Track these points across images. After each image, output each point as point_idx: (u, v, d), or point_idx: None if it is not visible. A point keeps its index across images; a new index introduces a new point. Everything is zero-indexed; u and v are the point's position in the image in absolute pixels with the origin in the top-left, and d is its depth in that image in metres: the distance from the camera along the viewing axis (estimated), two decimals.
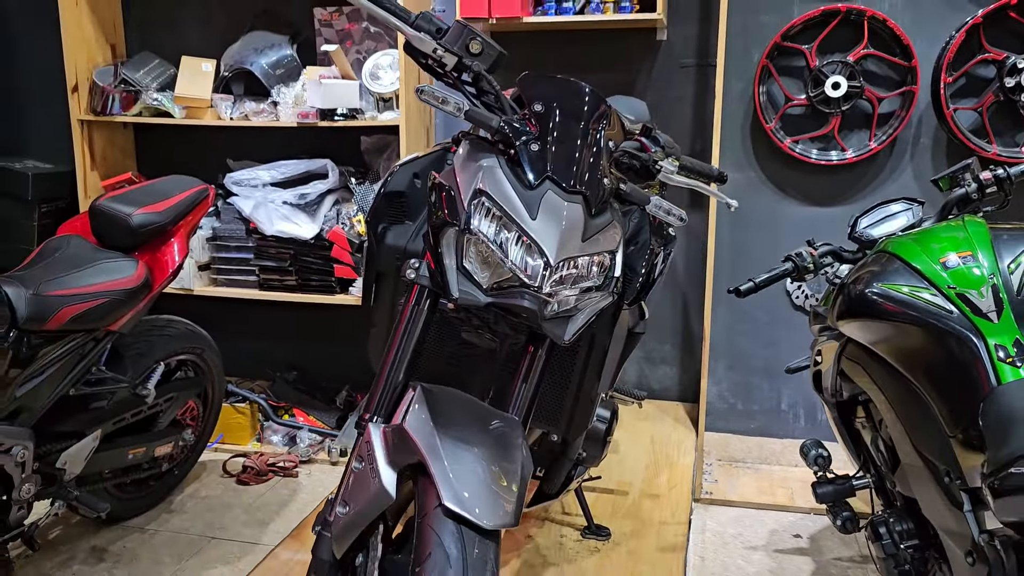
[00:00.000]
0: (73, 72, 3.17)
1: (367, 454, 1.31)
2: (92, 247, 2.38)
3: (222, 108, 3.11)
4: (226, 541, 2.65)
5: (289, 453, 3.18)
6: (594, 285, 1.39)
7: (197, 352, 2.77)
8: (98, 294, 2.22)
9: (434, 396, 1.33)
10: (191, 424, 2.83)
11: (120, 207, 2.40)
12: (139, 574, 2.46)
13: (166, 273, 2.45)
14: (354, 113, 2.95)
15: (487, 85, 1.44)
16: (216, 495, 2.96)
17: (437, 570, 1.14)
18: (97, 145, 3.30)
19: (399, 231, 1.58)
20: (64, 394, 2.26)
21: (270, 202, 3.07)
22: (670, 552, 2.17)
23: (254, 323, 3.40)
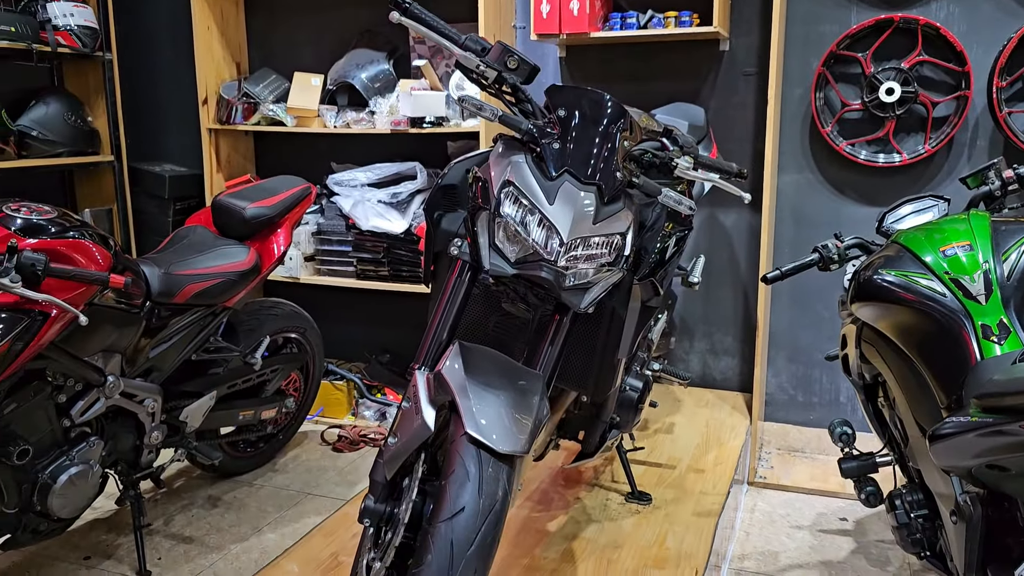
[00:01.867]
0: (204, 87, 3.64)
1: (413, 395, 1.61)
2: (213, 236, 2.80)
3: (327, 117, 3.51)
4: (320, 497, 3.02)
5: (379, 426, 3.54)
6: (607, 262, 1.64)
7: (300, 331, 3.15)
8: (216, 275, 2.62)
9: (469, 350, 1.61)
10: (294, 394, 3.21)
11: (236, 201, 2.81)
12: (245, 519, 2.86)
13: (273, 259, 2.84)
14: (441, 121, 3.28)
15: (522, 94, 1.72)
16: (314, 459, 3.34)
17: (458, 483, 1.42)
18: (222, 150, 3.76)
19: (452, 218, 1.88)
20: (187, 359, 2.67)
21: (366, 200, 3.44)
22: (704, 517, 2.37)
23: (352, 309, 3.79)
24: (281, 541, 2.70)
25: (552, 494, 2.56)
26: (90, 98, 3.72)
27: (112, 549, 2.66)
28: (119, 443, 2.47)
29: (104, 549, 2.66)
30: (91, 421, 2.35)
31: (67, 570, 2.54)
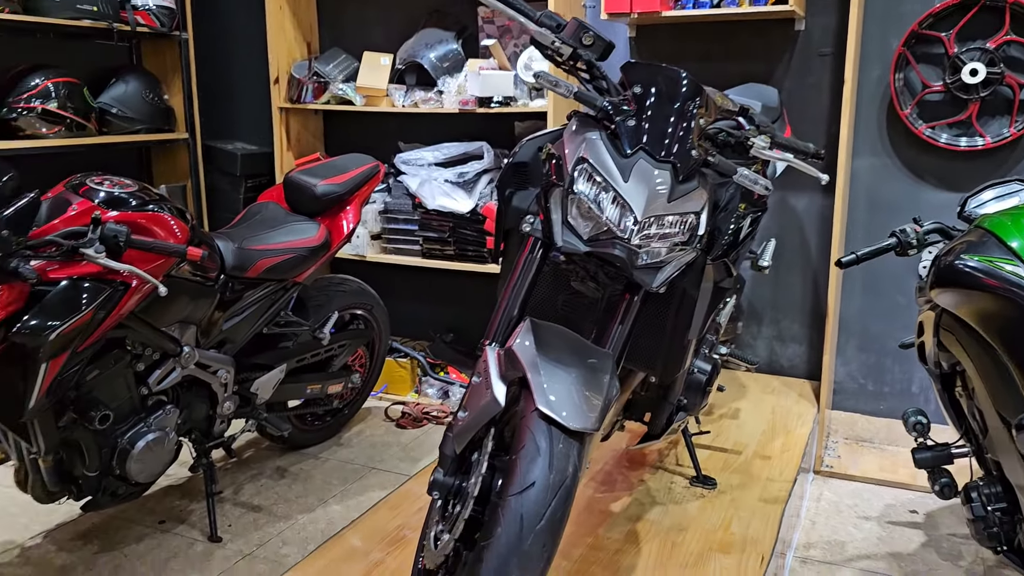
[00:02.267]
0: (275, 66, 3.70)
1: (483, 371, 1.61)
2: (284, 212, 2.85)
3: (396, 97, 3.53)
4: (384, 472, 3.07)
5: (442, 404, 3.58)
6: (681, 241, 1.62)
7: (367, 308, 3.20)
8: (287, 250, 2.67)
9: (540, 327, 1.62)
10: (359, 370, 3.27)
11: (308, 179, 2.85)
12: (312, 491, 2.92)
13: (342, 235, 2.88)
14: (508, 100, 3.27)
15: (597, 71, 1.71)
16: (378, 435, 3.40)
17: (528, 458, 1.43)
18: (292, 129, 3.82)
19: (523, 195, 1.88)
20: (258, 332, 2.74)
21: (433, 180, 3.46)
22: (770, 503, 2.34)
23: (416, 288, 3.82)
24: (346, 513, 2.75)
25: (616, 475, 2.55)
26: (167, 77, 3.81)
27: (185, 514, 2.75)
28: (193, 412, 2.54)
29: (177, 514, 2.75)
30: (167, 390, 2.42)
31: (143, 533, 2.64)
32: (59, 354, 1.99)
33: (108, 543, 2.58)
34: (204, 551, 2.54)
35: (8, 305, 1.88)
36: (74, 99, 3.30)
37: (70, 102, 3.28)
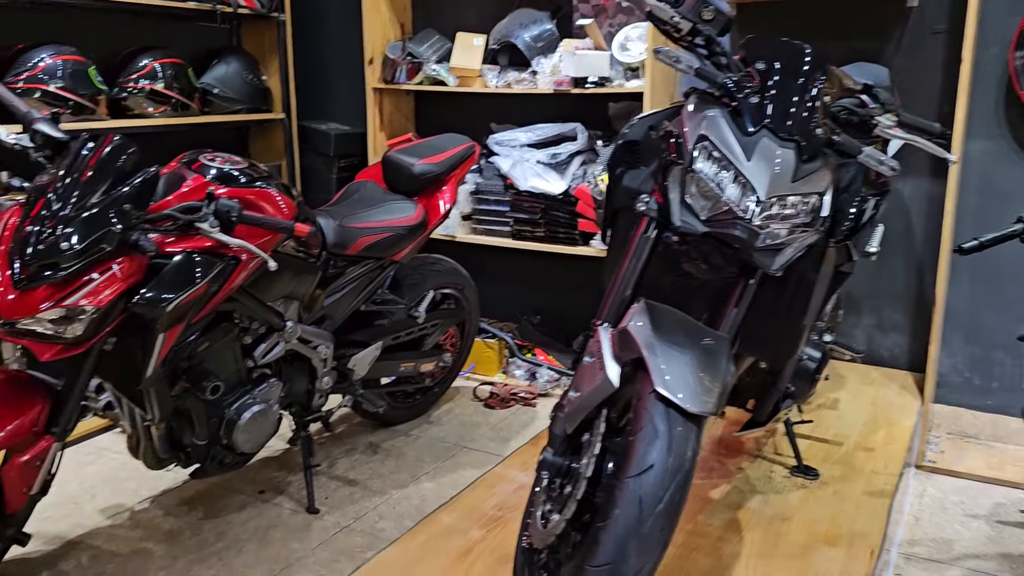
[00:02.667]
0: (370, 47, 3.73)
1: (596, 351, 1.60)
2: (382, 191, 2.88)
3: (489, 77, 3.52)
4: (475, 451, 3.09)
5: (530, 386, 3.58)
6: (803, 222, 1.57)
7: (459, 288, 3.21)
8: (386, 228, 2.70)
9: (655, 308, 1.59)
10: (450, 349, 3.29)
11: (406, 158, 2.87)
12: (404, 467, 2.96)
13: (438, 215, 2.89)
14: (604, 81, 3.23)
15: (717, 47, 1.66)
16: (467, 414, 3.42)
17: (646, 440, 1.41)
18: (385, 109, 3.85)
19: (634, 175, 1.85)
20: (356, 309, 2.78)
21: (525, 161, 3.44)
22: (877, 497, 2.27)
23: (506, 269, 3.82)
24: (439, 490, 2.78)
25: (712, 462, 2.51)
26: (264, 58, 3.88)
27: (283, 485, 2.82)
28: (294, 386, 2.60)
29: (276, 485, 2.82)
30: (271, 364, 2.48)
31: (244, 502, 2.71)
32: (175, 325, 2.05)
33: (212, 510, 2.66)
34: (303, 522, 2.60)
35: (129, 277, 1.94)
36: (179, 79, 3.40)
37: (175, 82, 3.37)
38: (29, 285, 1.81)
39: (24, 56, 2.93)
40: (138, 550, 2.45)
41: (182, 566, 2.37)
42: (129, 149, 2.00)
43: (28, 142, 2.05)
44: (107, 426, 3.18)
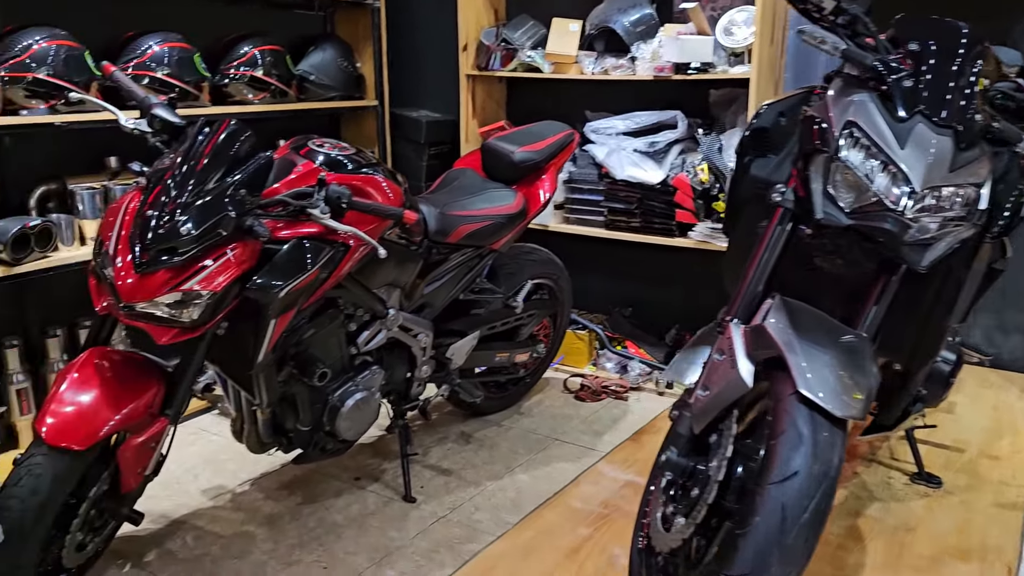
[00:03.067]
0: (464, 33, 3.69)
1: (727, 348, 1.52)
2: (481, 179, 2.84)
3: (585, 64, 3.45)
4: (567, 444, 3.03)
5: (621, 379, 3.51)
6: (957, 216, 1.47)
7: (553, 278, 3.16)
8: (486, 217, 2.66)
9: (791, 305, 1.51)
10: (543, 340, 3.24)
11: (505, 145, 2.82)
12: (498, 458, 2.92)
13: (538, 204, 2.84)
14: (706, 67, 3.13)
15: (862, 27, 1.56)
16: (557, 406, 3.37)
17: (789, 445, 1.33)
18: (478, 97, 3.82)
19: (762, 164, 1.76)
20: (455, 298, 2.75)
21: (622, 149, 3.36)
22: (1009, 510, 2.14)
23: (598, 260, 3.74)
24: (534, 484, 2.74)
25: None
26: (358, 45, 3.88)
27: (378, 473, 2.81)
28: (394, 374, 2.58)
29: (371, 472, 2.82)
30: (372, 351, 2.47)
31: (340, 488, 2.72)
32: (286, 311, 2.04)
33: (310, 495, 2.67)
34: (400, 510, 2.59)
35: (243, 262, 1.94)
36: (278, 66, 3.41)
37: (274, 69, 3.39)
38: (149, 269, 1.82)
39: (133, 44, 2.97)
40: (240, 532, 2.48)
41: (284, 550, 2.38)
42: (244, 134, 2.00)
43: (146, 127, 2.07)
44: (206, 407, 3.23)
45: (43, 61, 2.65)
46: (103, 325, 2.10)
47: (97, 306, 1.96)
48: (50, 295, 2.97)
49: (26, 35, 2.66)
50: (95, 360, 1.97)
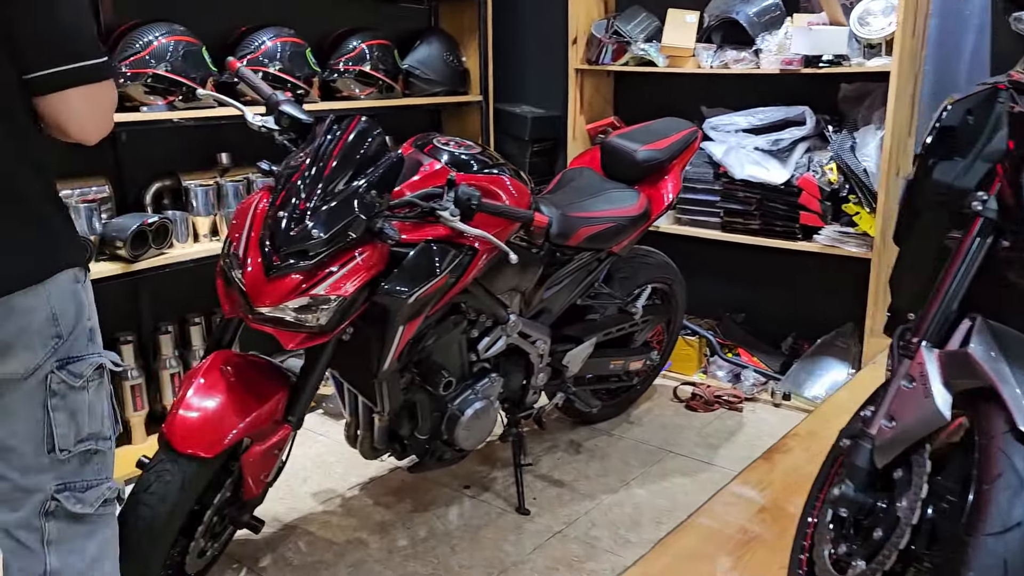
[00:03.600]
0: (575, 26, 3.57)
1: (919, 375, 1.37)
2: (600, 178, 2.71)
3: (703, 57, 3.29)
4: (682, 457, 2.89)
5: (734, 388, 3.34)
6: None
7: (668, 282, 3.02)
8: (607, 219, 2.53)
9: (994, 329, 1.34)
10: (656, 347, 3.10)
11: (627, 144, 2.69)
12: (611, 470, 2.80)
13: (661, 206, 2.70)
14: (840, 60, 2.93)
15: None
16: (668, 415, 3.23)
17: (1009, 490, 1.17)
18: (586, 92, 3.69)
19: (946, 167, 1.58)
20: (573, 303, 2.63)
21: (741, 147, 3.19)
22: None
23: (710, 262, 3.58)
24: (651, 499, 2.61)
25: None
26: (462, 38, 3.80)
27: (488, 482, 2.72)
28: (510, 381, 2.48)
29: (480, 481, 2.73)
30: (490, 358, 2.37)
31: (451, 496, 2.64)
32: (414, 318, 1.96)
33: (420, 503, 2.60)
34: (514, 523, 2.49)
35: (371, 267, 1.86)
36: (385, 61, 3.35)
37: (382, 64, 3.33)
38: (278, 273, 1.76)
39: (247, 39, 2.94)
40: (353, 539, 2.42)
41: (398, 561, 2.31)
42: (374, 132, 1.92)
43: (273, 124, 2.01)
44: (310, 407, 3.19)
45: (163, 57, 2.64)
46: (227, 328, 2.05)
47: (225, 308, 1.90)
48: (163, 291, 2.97)
49: (146, 31, 2.65)
50: (220, 364, 1.92)
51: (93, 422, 1.39)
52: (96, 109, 1.29)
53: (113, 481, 1.45)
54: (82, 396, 1.37)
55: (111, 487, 1.44)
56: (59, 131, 1.30)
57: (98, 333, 1.41)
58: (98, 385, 1.40)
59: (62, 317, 1.32)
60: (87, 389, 1.37)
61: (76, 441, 1.37)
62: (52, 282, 1.30)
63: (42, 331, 1.30)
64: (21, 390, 1.31)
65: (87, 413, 1.38)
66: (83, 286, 1.37)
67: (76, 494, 1.38)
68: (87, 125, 1.30)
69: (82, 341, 1.36)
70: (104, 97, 1.30)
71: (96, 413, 1.40)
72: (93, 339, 1.39)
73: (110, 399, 1.44)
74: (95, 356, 1.38)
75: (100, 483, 1.42)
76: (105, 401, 1.42)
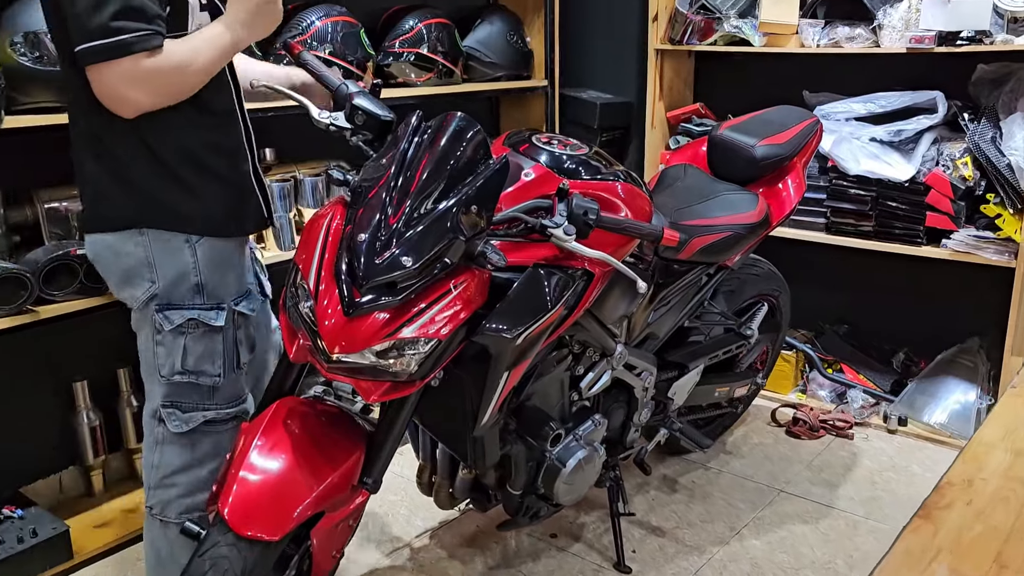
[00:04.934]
0: (655, 1, 3.16)
1: None
2: (708, 178, 2.33)
3: (809, 35, 2.87)
4: (796, 498, 2.52)
5: (843, 412, 2.95)
6: None
7: (775, 296, 2.63)
8: (723, 227, 2.15)
9: None
10: (760, 368, 2.72)
11: (742, 138, 2.31)
12: (717, 514, 2.43)
13: (783, 211, 2.32)
14: (981, 36, 2.52)
15: None
16: (768, 443, 2.85)
17: None
18: (666, 75, 3.29)
19: None
20: (680, 326, 2.26)
21: (855, 138, 2.78)
22: None
23: (808, 268, 3.16)
24: (770, 552, 2.25)
25: None
26: (526, 17, 3.40)
27: (575, 528, 2.37)
28: (611, 420, 2.11)
29: (568, 528, 2.37)
30: (591, 396, 2.00)
31: (536, 547, 2.28)
32: (521, 361, 1.59)
33: (501, 556, 2.24)
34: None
35: (471, 300, 1.49)
36: (444, 43, 2.96)
37: (440, 45, 2.95)
38: (362, 311, 1.39)
39: (296, 18, 2.57)
40: None
41: None
42: (472, 131, 1.55)
43: (344, 122, 1.64)
44: None
45: None
46: (290, 370, 1.69)
47: (291, 352, 1.54)
48: None
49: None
50: (284, 417, 1.56)
51: (189, 361, 1.61)
52: (120, 84, 1.38)
53: (214, 410, 1.66)
54: (179, 340, 1.59)
55: (206, 415, 1.65)
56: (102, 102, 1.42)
57: (210, 291, 1.60)
58: (200, 334, 1.60)
59: (159, 267, 1.56)
60: (185, 335, 1.59)
61: (174, 373, 1.61)
62: (150, 234, 1.54)
63: (141, 273, 1.56)
64: (140, 315, 1.61)
65: (183, 353, 1.60)
66: (193, 247, 1.57)
67: (176, 413, 1.63)
68: (114, 98, 1.40)
69: (184, 294, 1.58)
70: (127, 73, 1.37)
71: (194, 354, 1.61)
72: (200, 295, 1.59)
73: (228, 344, 1.63)
74: (194, 311, 1.58)
75: (198, 409, 1.65)
76: (207, 347, 1.61)
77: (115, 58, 1.34)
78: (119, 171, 1.51)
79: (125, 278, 1.58)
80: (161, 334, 1.58)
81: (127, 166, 1.50)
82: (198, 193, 1.55)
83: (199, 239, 1.57)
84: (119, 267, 1.57)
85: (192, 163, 1.54)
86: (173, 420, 1.63)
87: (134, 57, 1.35)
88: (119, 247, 1.55)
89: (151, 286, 1.56)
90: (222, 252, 1.61)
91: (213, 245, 1.59)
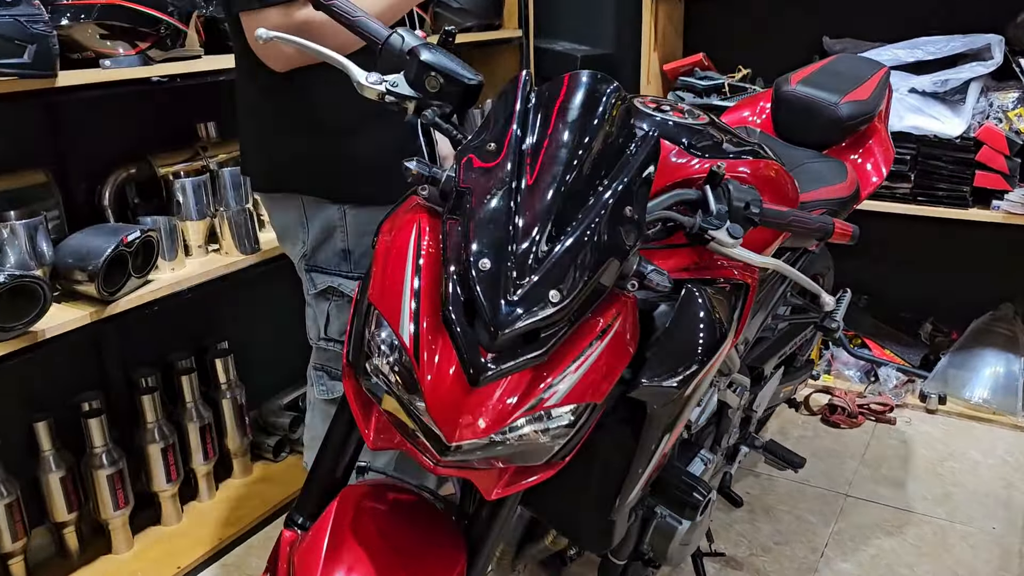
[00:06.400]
0: None
1: None
2: (781, 143, 1.94)
3: None
4: (867, 503, 2.23)
5: (882, 394, 2.68)
6: None
7: (822, 275, 2.30)
8: (815, 204, 1.76)
9: None
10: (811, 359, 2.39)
11: (820, 94, 1.92)
12: (787, 532, 2.11)
13: (869, 181, 1.96)
14: None
15: None
16: (810, 437, 2.55)
17: None
18: (660, 22, 2.87)
19: None
20: (764, 324, 1.88)
21: (896, 89, 2.46)
22: None
23: None
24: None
25: None
26: None
27: None
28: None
29: None
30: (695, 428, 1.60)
31: None
32: (681, 417, 1.16)
33: None
34: None
35: (631, 342, 1.05)
36: None
37: None
38: (495, 376, 0.93)
39: None
40: None
41: None
42: (614, 95, 1.08)
43: (406, 87, 1.13)
44: None
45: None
46: (342, 451, 1.19)
47: (368, 436, 1.05)
48: (136, 331, 2.05)
49: None
50: (351, 516, 1.08)
51: (333, 329, 1.54)
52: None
53: None
54: (323, 306, 1.54)
55: None
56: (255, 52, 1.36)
57: (356, 259, 1.50)
58: (345, 303, 1.51)
59: (311, 227, 1.50)
60: (329, 300, 1.53)
61: (319, 338, 1.57)
62: (303, 196, 1.49)
63: (295, 232, 1.53)
64: (300, 272, 1.57)
65: (327, 321, 1.54)
66: (344, 212, 1.48)
67: (324, 377, 1.59)
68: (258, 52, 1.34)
69: (329, 258, 1.51)
70: (279, 23, 1.27)
71: (338, 323, 1.53)
72: (347, 260, 1.51)
73: None
74: (336, 277, 1.51)
75: None
76: None
77: (267, 7, 1.28)
78: (263, 131, 1.48)
79: (283, 234, 1.57)
80: (310, 296, 1.56)
81: (269, 125, 1.46)
82: (348, 155, 1.45)
83: (349, 205, 1.48)
84: (277, 224, 1.57)
85: (343, 128, 1.43)
86: (320, 385, 1.60)
87: (285, 7, 1.27)
88: (272, 206, 1.55)
89: (303, 247, 1.53)
90: (369, 222, 1.44)
91: (360, 212, 1.48)
